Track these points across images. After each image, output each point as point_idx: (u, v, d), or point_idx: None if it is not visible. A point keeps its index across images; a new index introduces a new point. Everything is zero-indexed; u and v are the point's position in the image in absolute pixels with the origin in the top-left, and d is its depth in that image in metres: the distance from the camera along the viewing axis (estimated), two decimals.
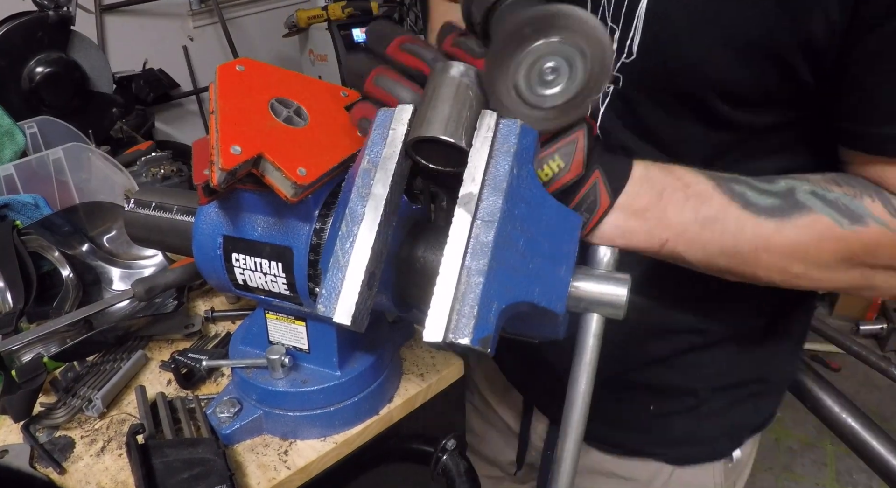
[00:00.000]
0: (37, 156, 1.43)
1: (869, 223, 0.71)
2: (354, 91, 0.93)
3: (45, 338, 1.07)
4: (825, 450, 2.85)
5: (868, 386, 3.18)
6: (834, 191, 0.73)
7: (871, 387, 3.17)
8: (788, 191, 0.73)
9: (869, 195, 0.73)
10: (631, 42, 0.79)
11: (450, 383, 1.02)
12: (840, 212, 0.71)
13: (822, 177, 0.75)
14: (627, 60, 0.81)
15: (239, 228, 0.82)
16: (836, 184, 0.74)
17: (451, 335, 0.52)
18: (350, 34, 4.23)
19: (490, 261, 0.54)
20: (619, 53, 0.81)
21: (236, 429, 0.90)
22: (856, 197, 0.73)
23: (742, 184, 0.73)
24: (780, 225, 0.71)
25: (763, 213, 0.72)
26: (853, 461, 2.47)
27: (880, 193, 0.73)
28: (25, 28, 1.94)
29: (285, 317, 0.89)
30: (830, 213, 0.71)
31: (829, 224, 0.71)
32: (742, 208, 0.71)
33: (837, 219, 0.71)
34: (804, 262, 0.73)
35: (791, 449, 2.87)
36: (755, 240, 0.72)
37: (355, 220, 0.58)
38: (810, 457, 2.84)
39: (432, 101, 0.61)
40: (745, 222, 0.71)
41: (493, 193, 0.56)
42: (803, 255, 0.73)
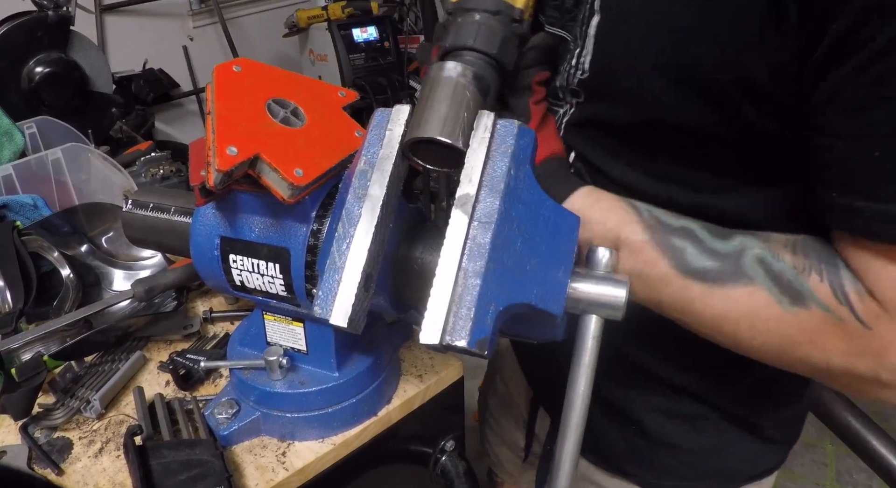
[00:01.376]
0: (36, 157, 1.43)
1: (811, 306, 0.64)
2: (352, 91, 0.93)
3: (44, 337, 1.07)
4: (825, 450, 2.84)
5: None
6: (783, 261, 0.66)
7: None
8: (735, 254, 0.67)
9: (819, 270, 0.64)
10: (584, 60, 0.78)
11: (449, 384, 1.01)
12: (781, 289, 0.65)
13: (783, 239, 0.68)
14: (583, 77, 0.79)
15: (236, 229, 0.82)
16: (791, 252, 0.66)
17: (448, 337, 0.52)
18: (350, 34, 4.23)
19: (487, 263, 0.54)
20: (576, 70, 0.80)
21: (234, 431, 0.89)
22: (803, 272, 0.65)
23: (686, 239, 0.69)
24: (709, 291, 0.67)
25: (693, 275, 0.67)
26: (853, 461, 2.46)
27: (834, 270, 0.64)
28: (25, 28, 1.94)
29: (283, 318, 0.89)
30: (770, 288, 0.65)
31: (766, 299, 0.65)
32: (672, 267, 0.68)
33: (777, 295, 0.65)
34: (733, 338, 0.69)
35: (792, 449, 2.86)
36: (679, 300, 0.69)
37: (352, 222, 0.58)
38: (810, 457, 2.83)
39: (429, 102, 0.60)
40: (671, 281, 0.68)
41: (490, 194, 0.56)
42: (731, 330, 0.68)
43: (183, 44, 4.21)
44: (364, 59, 4.26)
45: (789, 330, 0.65)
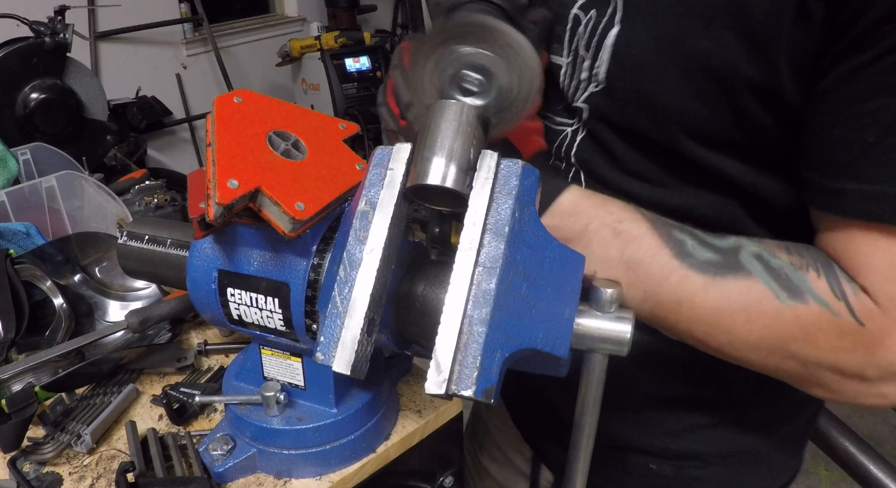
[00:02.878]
0: (29, 184, 1.42)
1: (808, 300, 0.64)
2: (353, 124, 0.93)
3: (36, 368, 1.06)
4: (820, 476, 2.83)
5: (861, 410, 3.16)
6: (780, 258, 0.67)
7: (864, 412, 3.16)
8: (733, 250, 0.68)
9: (815, 269, 0.66)
10: (597, 71, 0.78)
11: (448, 420, 1.00)
12: (780, 283, 0.65)
13: (775, 243, 0.70)
14: (595, 89, 0.79)
15: (234, 263, 0.81)
16: (785, 252, 0.68)
17: (454, 387, 0.52)
18: (343, 64, 4.27)
19: (492, 310, 0.53)
20: (588, 83, 0.80)
21: (230, 467, 0.88)
22: (800, 268, 0.66)
23: (685, 233, 0.70)
24: (710, 283, 0.67)
25: (695, 267, 0.67)
26: (848, 486, 2.45)
27: (829, 269, 0.66)
28: (21, 54, 1.94)
29: (281, 353, 0.88)
30: (769, 282, 0.66)
31: (764, 293, 0.66)
32: (673, 256, 0.68)
33: (775, 289, 0.65)
34: (729, 332, 0.68)
35: None
36: (679, 291, 0.68)
37: (354, 265, 0.57)
38: (805, 484, 2.81)
39: (430, 142, 0.59)
40: (673, 271, 0.68)
41: (494, 238, 0.56)
42: (729, 324, 0.67)
43: (176, 71, 4.23)
44: (356, 88, 4.30)
45: (786, 324, 0.65)
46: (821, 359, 0.65)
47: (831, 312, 0.63)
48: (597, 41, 0.78)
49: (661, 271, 0.68)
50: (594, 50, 0.78)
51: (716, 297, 0.67)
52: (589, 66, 0.79)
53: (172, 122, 4.14)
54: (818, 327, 0.64)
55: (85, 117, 2.05)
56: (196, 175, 0.87)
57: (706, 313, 0.68)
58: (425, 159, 0.58)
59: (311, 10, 4.90)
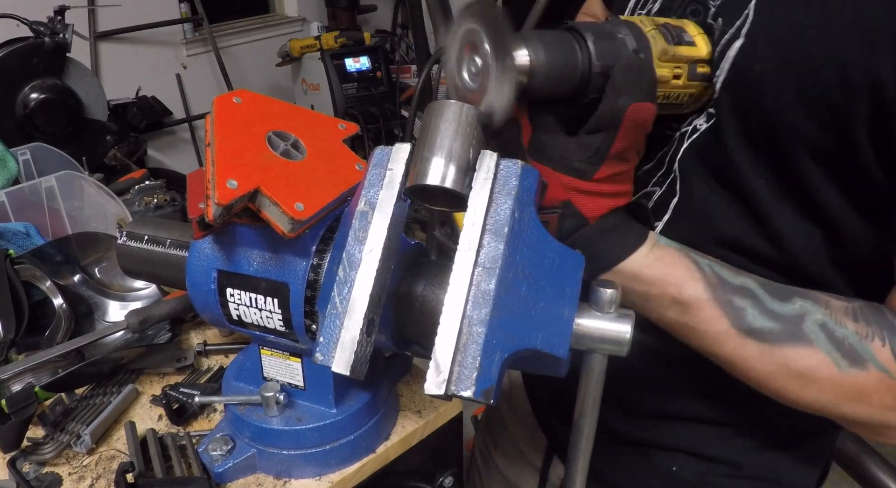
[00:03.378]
0: (29, 184, 1.42)
1: (869, 367, 0.66)
2: (352, 124, 0.92)
3: (36, 368, 1.06)
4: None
5: None
6: (846, 328, 0.68)
7: None
8: (797, 317, 0.69)
9: (882, 337, 0.67)
10: (717, 80, 0.76)
11: (448, 420, 1.00)
12: (842, 353, 0.67)
13: (844, 307, 0.70)
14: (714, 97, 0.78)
15: (234, 263, 0.81)
16: (853, 319, 0.69)
17: (454, 387, 0.52)
18: (343, 64, 4.27)
19: (492, 311, 0.53)
20: None
21: (229, 468, 0.88)
22: (866, 337, 0.67)
23: (746, 298, 0.70)
24: (767, 350, 0.69)
25: (752, 335, 0.69)
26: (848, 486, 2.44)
27: (895, 336, 0.67)
28: (21, 54, 1.94)
29: (280, 354, 0.88)
30: (830, 352, 0.67)
31: (824, 361, 0.67)
32: (731, 325, 0.69)
33: (836, 359, 0.67)
34: (782, 391, 0.71)
35: None
36: (733, 356, 0.70)
37: (353, 266, 0.57)
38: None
39: (429, 142, 0.59)
40: (729, 339, 0.69)
41: (494, 239, 0.55)
42: (783, 384, 0.70)
43: (176, 71, 4.23)
44: (356, 88, 4.30)
45: (843, 389, 0.68)
46: (870, 416, 0.69)
47: (890, 376, 0.66)
48: (720, 51, 0.76)
49: (717, 339, 0.70)
50: (717, 59, 0.77)
51: (769, 363, 0.69)
52: None
53: (172, 121, 4.14)
54: (875, 391, 0.67)
55: (85, 117, 2.05)
56: (195, 175, 0.87)
57: (758, 376, 0.71)
58: (424, 159, 0.58)
59: (311, 10, 4.90)
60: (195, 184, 0.83)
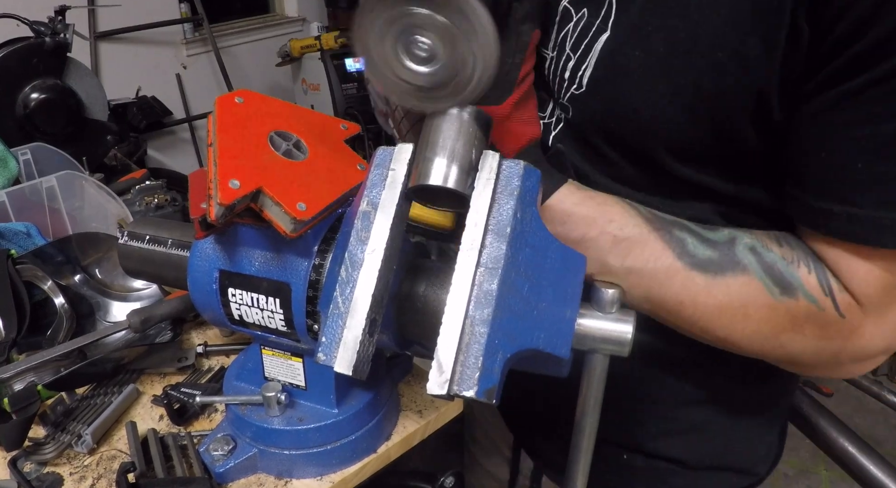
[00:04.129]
0: (30, 184, 1.42)
1: (799, 297, 0.68)
2: (354, 124, 0.93)
3: (37, 367, 1.06)
4: (820, 476, 2.83)
5: (861, 410, 3.18)
6: (773, 251, 0.70)
7: (864, 412, 3.17)
8: (728, 242, 0.71)
9: (806, 264, 0.69)
10: (582, 74, 0.77)
11: (448, 420, 1.00)
12: (773, 279, 0.69)
13: (765, 233, 0.72)
14: (577, 92, 0.79)
15: (236, 263, 0.81)
16: (776, 243, 0.71)
17: (456, 387, 0.52)
18: (343, 64, 4.27)
19: (494, 311, 0.53)
20: (570, 83, 0.80)
21: (230, 468, 0.88)
22: (792, 262, 0.69)
23: (684, 230, 0.71)
24: (711, 283, 0.69)
25: (696, 267, 0.70)
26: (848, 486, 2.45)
27: (818, 265, 0.69)
28: (21, 54, 1.94)
29: (282, 354, 0.88)
30: (763, 278, 0.69)
31: (760, 289, 0.69)
32: (676, 258, 0.70)
33: (769, 286, 0.69)
34: (728, 328, 0.71)
35: (785, 475, 2.85)
36: (682, 293, 0.70)
37: (355, 266, 0.57)
38: (805, 483, 2.81)
39: (432, 142, 0.59)
40: (676, 274, 0.70)
41: (496, 239, 0.56)
42: (728, 320, 0.71)
43: (176, 71, 4.23)
44: (356, 88, 4.30)
45: (778, 318, 0.69)
46: (805, 347, 0.71)
47: (818, 307, 0.68)
48: (586, 44, 0.77)
49: (666, 274, 0.70)
50: (582, 52, 0.78)
51: (717, 296, 0.70)
52: (573, 66, 0.79)
53: (172, 121, 4.14)
54: (806, 320, 0.69)
55: (85, 117, 2.05)
56: (197, 175, 0.87)
57: (708, 312, 0.71)
58: (427, 159, 0.58)
59: (311, 10, 4.90)
60: (197, 184, 0.84)
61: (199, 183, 0.80)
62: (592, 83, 0.77)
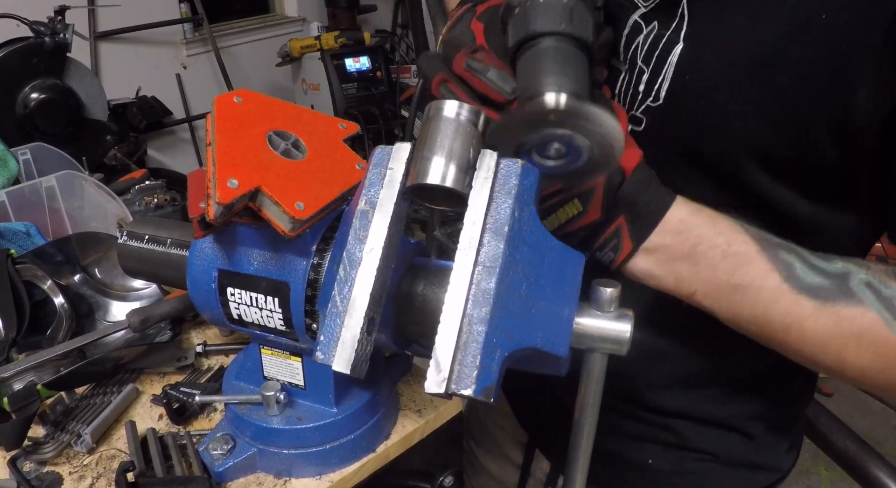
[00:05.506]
0: (29, 184, 1.42)
1: None
2: (353, 123, 0.93)
3: (37, 367, 1.06)
4: (820, 476, 2.83)
5: (861, 410, 3.17)
6: (891, 288, 0.65)
7: (865, 412, 3.17)
8: (842, 275, 0.66)
9: None
10: (659, 87, 0.75)
11: (448, 419, 1.00)
12: (892, 312, 0.64)
13: (884, 269, 0.67)
14: (654, 105, 0.77)
15: (234, 262, 0.81)
16: (894, 279, 0.66)
17: (454, 386, 0.52)
18: (343, 64, 4.27)
19: (492, 309, 0.53)
20: (645, 96, 0.78)
21: (229, 467, 0.88)
22: None
23: (792, 254, 0.68)
24: (820, 309, 0.65)
25: (805, 291, 0.66)
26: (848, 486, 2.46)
27: None
28: (21, 54, 1.95)
29: (281, 353, 0.88)
30: (881, 311, 0.64)
31: (876, 321, 0.64)
32: (783, 280, 0.66)
33: (888, 318, 0.64)
34: (838, 358, 0.67)
35: None
36: (788, 317, 0.67)
37: (353, 264, 0.57)
38: (805, 483, 2.81)
39: (430, 141, 0.59)
40: (782, 295, 0.66)
41: (494, 237, 0.56)
42: (838, 350, 0.66)
43: (176, 71, 4.23)
44: (356, 88, 4.30)
45: None
46: None
47: None
48: (658, 55, 0.75)
49: (771, 296, 0.66)
50: (655, 64, 0.76)
51: (826, 323, 0.66)
52: (648, 79, 0.77)
53: (172, 121, 4.13)
54: None
55: (85, 117, 2.05)
56: (196, 174, 0.87)
57: (816, 338, 0.67)
58: (425, 159, 0.58)
59: (311, 10, 4.90)
60: (196, 184, 0.83)
61: (199, 182, 0.80)
62: (670, 96, 0.75)
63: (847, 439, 1.51)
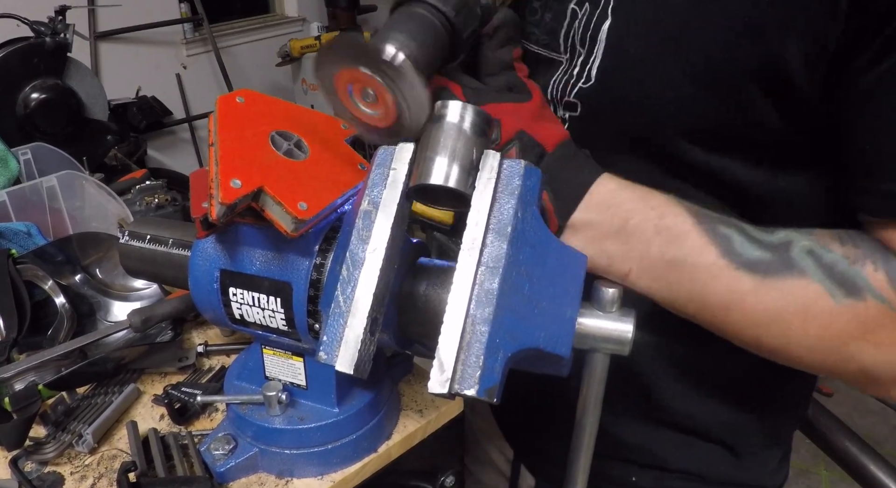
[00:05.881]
0: (30, 184, 1.42)
1: (866, 298, 0.61)
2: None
3: (38, 367, 1.06)
4: (820, 476, 2.83)
5: (861, 410, 3.18)
6: (834, 252, 0.63)
7: (864, 412, 3.18)
8: (783, 245, 0.64)
9: (873, 261, 0.62)
10: (591, 67, 0.75)
11: (449, 419, 1.00)
12: (834, 281, 0.62)
13: (827, 233, 0.65)
14: (586, 86, 0.76)
15: (237, 262, 0.81)
16: (838, 243, 0.64)
17: (457, 386, 0.52)
18: None
19: (495, 310, 0.53)
20: (577, 78, 0.77)
21: (231, 467, 0.88)
22: (856, 262, 0.62)
23: (731, 228, 0.65)
24: (761, 285, 0.63)
25: (744, 266, 0.63)
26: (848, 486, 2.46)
27: (887, 260, 0.62)
28: (21, 54, 1.94)
29: (283, 353, 0.88)
30: (823, 280, 0.62)
31: (819, 293, 0.62)
32: (721, 255, 0.64)
33: (830, 288, 0.62)
34: (783, 337, 0.65)
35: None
36: (727, 294, 0.64)
37: (356, 265, 0.57)
38: (805, 483, 2.82)
39: (433, 142, 0.59)
40: (721, 272, 0.64)
41: (497, 238, 0.56)
42: (783, 328, 0.64)
43: (176, 71, 4.23)
44: None
45: (842, 324, 0.62)
46: (879, 357, 0.63)
47: (890, 307, 0.61)
48: (591, 35, 0.75)
49: (708, 272, 0.64)
50: (589, 44, 0.75)
51: (768, 300, 0.63)
52: (582, 61, 0.77)
53: (172, 121, 4.13)
54: (877, 325, 0.62)
55: (85, 117, 2.05)
56: (198, 174, 0.87)
57: (758, 317, 0.64)
58: (428, 159, 0.58)
59: (311, 10, 4.90)
60: (198, 184, 0.83)
61: (201, 182, 0.80)
62: (601, 74, 0.74)
63: (847, 439, 1.51)
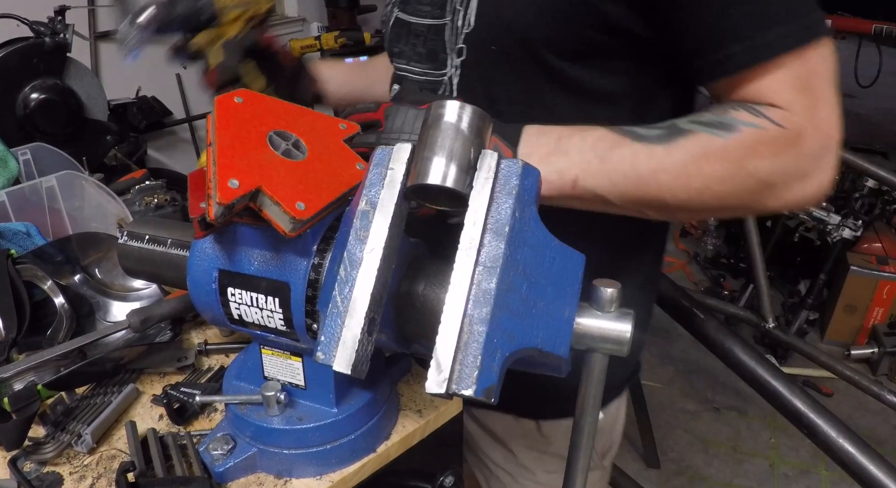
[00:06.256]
0: (29, 184, 1.42)
1: (741, 129, 0.80)
2: (353, 123, 0.93)
3: (37, 367, 1.06)
4: (820, 476, 2.83)
5: (861, 410, 3.18)
6: (705, 116, 0.83)
7: (864, 412, 3.18)
8: (670, 124, 0.83)
9: (733, 108, 0.82)
10: (468, 14, 0.91)
11: (448, 419, 1.00)
12: (715, 128, 0.81)
13: (695, 111, 0.86)
14: (468, 31, 0.92)
15: (235, 262, 0.81)
16: (704, 111, 0.85)
17: (455, 386, 0.52)
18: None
19: (493, 309, 0.53)
20: (463, 25, 0.93)
21: (230, 467, 0.88)
22: (723, 113, 0.82)
23: (629, 126, 0.84)
24: (669, 147, 0.81)
25: (651, 142, 0.81)
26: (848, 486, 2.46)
27: (741, 104, 0.82)
28: (21, 54, 1.94)
29: (281, 353, 0.88)
30: (708, 130, 0.81)
31: (709, 138, 0.80)
32: (633, 140, 0.82)
33: (715, 132, 0.80)
34: (700, 176, 0.80)
35: (786, 475, 2.85)
36: (650, 162, 0.81)
37: (354, 265, 0.57)
38: (805, 483, 2.81)
39: (430, 142, 0.59)
40: (638, 150, 0.81)
41: (495, 238, 0.56)
42: (697, 169, 0.80)
43: (176, 71, 4.21)
44: None
45: (734, 151, 0.80)
46: (769, 166, 0.80)
47: (759, 128, 0.80)
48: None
49: (631, 152, 0.81)
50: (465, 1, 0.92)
51: (678, 156, 0.81)
52: (463, 14, 0.93)
53: (172, 122, 4.13)
54: (756, 141, 0.80)
55: (85, 117, 2.05)
56: (197, 175, 0.87)
57: (678, 169, 0.81)
58: (426, 159, 0.58)
59: (311, 10, 4.89)
60: (196, 184, 0.83)
61: (199, 183, 0.80)
62: (478, 17, 0.91)
63: (847, 439, 1.51)
